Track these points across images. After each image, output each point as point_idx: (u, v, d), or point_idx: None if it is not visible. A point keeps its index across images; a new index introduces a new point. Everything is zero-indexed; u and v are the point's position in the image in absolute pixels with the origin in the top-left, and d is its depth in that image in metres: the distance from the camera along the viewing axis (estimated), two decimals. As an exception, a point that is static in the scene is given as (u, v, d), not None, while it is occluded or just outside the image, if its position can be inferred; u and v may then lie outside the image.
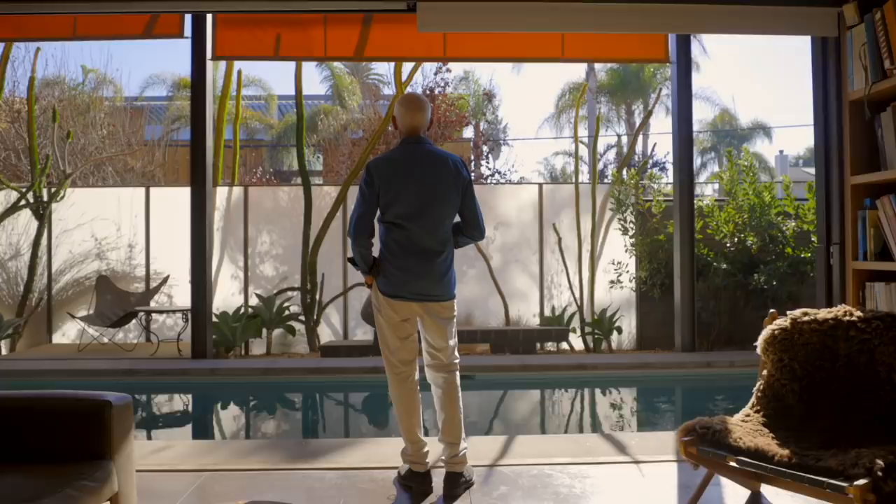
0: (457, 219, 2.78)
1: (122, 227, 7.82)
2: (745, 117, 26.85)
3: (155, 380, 5.71)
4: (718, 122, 26.38)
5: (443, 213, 2.69)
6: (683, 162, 6.41)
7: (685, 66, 6.32)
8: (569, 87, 21.90)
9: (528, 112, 39.98)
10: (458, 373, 2.80)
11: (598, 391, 5.77)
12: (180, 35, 6.16)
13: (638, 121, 24.49)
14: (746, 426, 2.43)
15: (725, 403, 5.23)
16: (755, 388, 2.69)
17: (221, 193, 7.75)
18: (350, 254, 2.79)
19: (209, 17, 6.20)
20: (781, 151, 29.00)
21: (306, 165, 7.61)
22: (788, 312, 2.73)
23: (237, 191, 7.81)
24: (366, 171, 2.70)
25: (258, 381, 5.74)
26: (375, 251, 2.74)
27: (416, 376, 2.79)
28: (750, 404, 2.64)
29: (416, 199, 2.63)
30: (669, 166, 10.62)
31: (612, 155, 21.42)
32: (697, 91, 23.50)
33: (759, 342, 2.73)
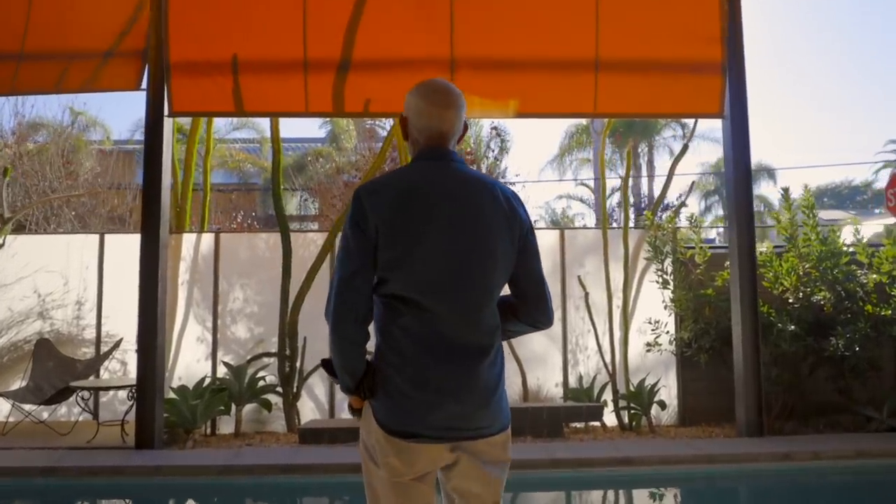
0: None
1: (71, 280, 6.65)
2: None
3: (81, 481, 4.44)
4: (721, 164, 25.71)
5: (489, 282, 1.57)
6: (742, 208, 5.33)
7: (740, 115, 5.32)
8: (574, 128, 21.15)
9: (531, 153, 39.47)
10: None
11: (654, 500, 4.49)
12: (136, 88, 5.26)
13: (643, 163, 23.74)
14: None
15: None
16: None
17: (188, 241, 6.63)
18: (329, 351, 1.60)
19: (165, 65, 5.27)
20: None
21: (285, 209, 6.54)
22: None
23: (207, 238, 6.68)
24: (354, 204, 1.57)
25: (214, 482, 4.47)
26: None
27: None
28: None
29: (443, 258, 1.53)
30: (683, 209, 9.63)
31: (616, 198, 20.56)
32: (704, 132, 22.82)
33: None
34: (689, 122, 22.40)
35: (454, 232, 1.53)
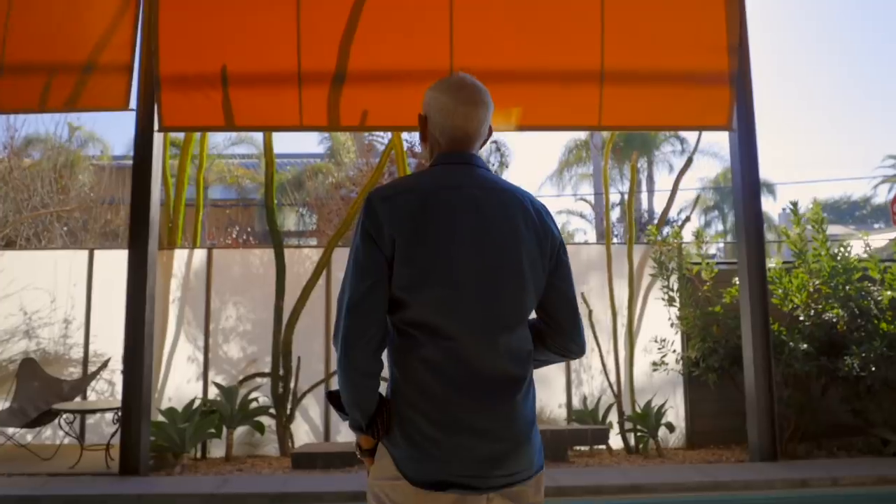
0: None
1: (59, 297, 6.45)
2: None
3: (61, 510, 4.20)
4: (721, 179, 25.69)
5: (520, 304, 1.39)
6: (751, 222, 5.16)
7: (747, 127, 5.18)
8: (574, 143, 21.11)
9: (530, 168, 39.49)
10: None
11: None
12: (125, 106, 5.05)
13: (643, 178, 23.67)
14: None
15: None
16: None
17: (180, 257, 6.45)
18: (336, 381, 1.38)
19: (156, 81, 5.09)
20: (785, 209, 28.14)
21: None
22: None
23: (199, 254, 6.49)
24: (366, 211, 1.36)
25: (201, 512, 4.23)
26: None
27: None
28: None
29: (470, 276, 1.34)
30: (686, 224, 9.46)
31: (616, 212, 20.47)
32: (703, 147, 22.83)
33: None
34: (689, 136, 22.38)
35: (481, 246, 1.35)
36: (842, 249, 5.65)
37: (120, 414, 4.92)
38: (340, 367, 1.32)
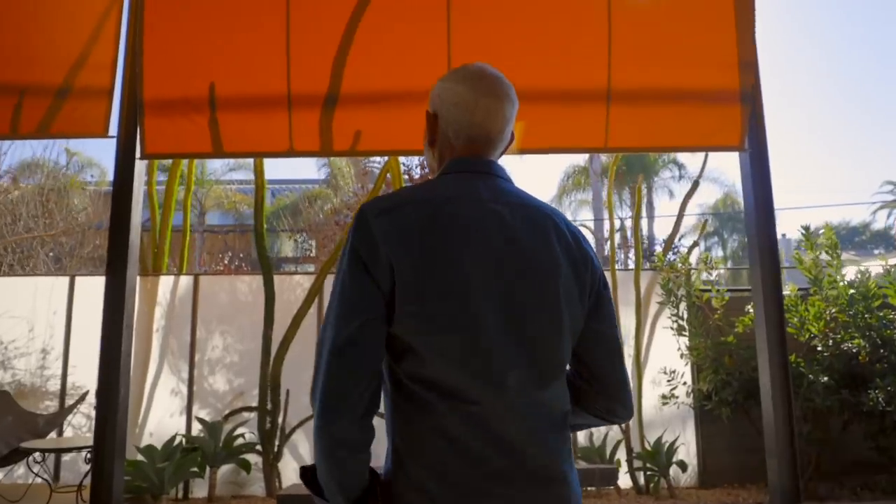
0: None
1: (37, 326, 6.15)
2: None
3: (22, 562, 3.84)
4: (721, 205, 25.56)
5: (556, 350, 1.08)
6: (765, 246, 4.89)
7: (759, 147, 4.97)
8: (573, 168, 21.03)
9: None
10: None
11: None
12: (104, 133, 4.77)
13: (643, 203, 23.57)
14: None
15: None
16: None
17: (165, 284, 6.16)
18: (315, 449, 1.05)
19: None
20: (784, 235, 27.93)
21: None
22: None
23: (185, 280, 6.21)
24: (357, 228, 1.05)
25: (175, 563, 3.87)
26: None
27: None
28: None
29: (494, 317, 1.03)
30: (683, 251, 9.26)
31: (615, 238, 20.28)
32: (704, 172, 22.69)
33: None
34: (687, 162, 22.30)
35: (508, 275, 1.03)
36: (860, 275, 5.39)
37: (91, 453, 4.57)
38: (318, 437, 0.99)
